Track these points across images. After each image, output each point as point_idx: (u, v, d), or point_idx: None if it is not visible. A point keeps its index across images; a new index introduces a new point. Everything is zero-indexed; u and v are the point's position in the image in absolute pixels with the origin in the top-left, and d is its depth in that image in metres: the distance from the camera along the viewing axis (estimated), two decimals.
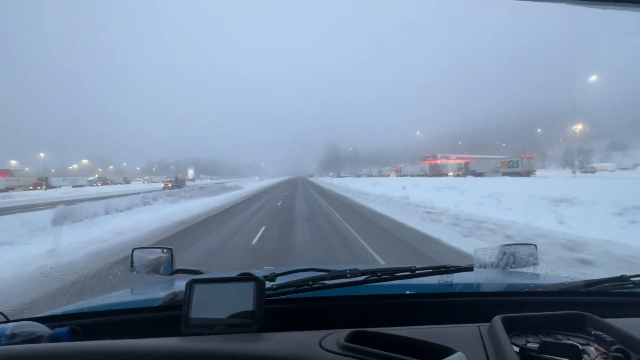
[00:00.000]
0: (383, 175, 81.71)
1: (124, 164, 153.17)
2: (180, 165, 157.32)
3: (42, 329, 0.83)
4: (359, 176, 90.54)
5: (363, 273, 1.07)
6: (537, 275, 1.46)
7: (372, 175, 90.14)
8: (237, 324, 0.80)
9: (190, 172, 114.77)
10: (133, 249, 1.44)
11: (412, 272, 1.07)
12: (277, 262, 6.01)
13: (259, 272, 1.00)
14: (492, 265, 1.26)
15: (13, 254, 6.57)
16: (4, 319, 0.93)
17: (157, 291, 1.40)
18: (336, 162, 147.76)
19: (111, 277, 2.40)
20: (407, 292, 1.12)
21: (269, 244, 7.53)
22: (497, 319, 0.79)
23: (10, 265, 5.50)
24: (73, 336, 0.87)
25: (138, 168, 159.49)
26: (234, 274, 0.91)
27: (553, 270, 1.59)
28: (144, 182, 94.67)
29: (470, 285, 1.24)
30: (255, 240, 7.91)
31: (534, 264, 1.35)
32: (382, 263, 5.74)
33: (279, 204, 18.47)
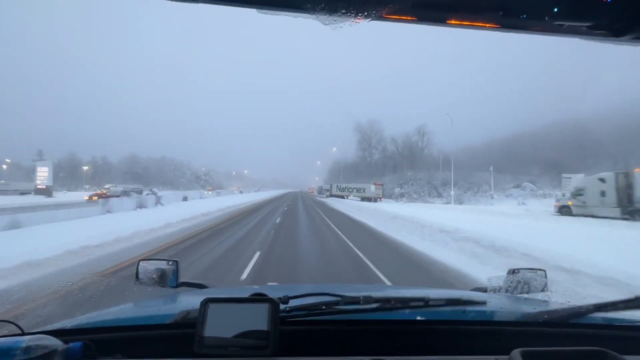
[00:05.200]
0: None
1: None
2: (106, 166, 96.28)
3: (56, 343, 0.83)
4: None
5: (376, 300, 1.05)
6: (551, 303, 1.40)
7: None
8: (251, 346, 0.80)
9: (42, 174, 49.25)
10: (139, 261, 1.50)
11: (425, 303, 1.06)
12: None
13: (269, 291, 1.05)
14: (505, 291, 1.35)
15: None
16: (20, 332, 0.93)
17: (165, 306, 1.42)
18: (369, 168, 67.31)
19: (126, 293, 2.28)
20: (419, 319, 1.08)
21: None
22: (516, 353, 0.77)
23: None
24: (86, 351, 0.86)
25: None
26: (245, 292, 0.93)
27: (568, 301, 1.45)
28: None
29: (484, 313, 1.18)
30: None
31: (544, 291, 1.39)
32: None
33: None
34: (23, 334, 0.90)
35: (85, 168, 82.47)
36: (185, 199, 31.07)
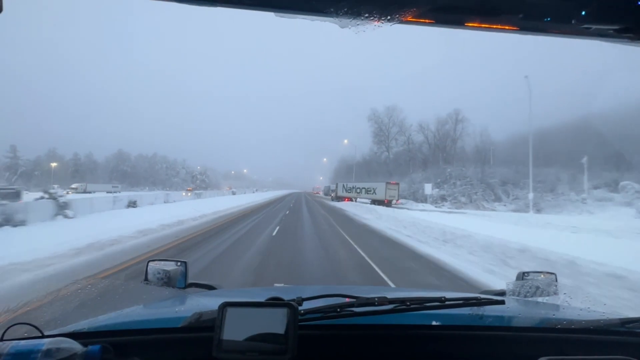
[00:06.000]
0: None
1: None
2: (87, 164, 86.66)
3: (75, 345, 0.84)
4: None
5: (391, 301, 1.04)
6: (571, 309, 1.38)
7: None
8: (269, 351, 0.80)
9: None
10: (148, 261, 1.55)
11: (442, 303, 1.03)
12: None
13: (281, 293, 1.06)
14: (520, 295, 1.36)
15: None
16: (39, 334, 0.93)
17: (178, 308, 1.44)
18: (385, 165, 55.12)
19: (137, 294, 2.04)
20: (435, 323, 1.07)
21: None
22: None
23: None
24: (104, 354, 0.88)
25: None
26: (257, 294, 0.88)
27: (588, 307, 1.42)
28: None
29: (501, 318, 1.17)
30: None
31: (556, 294, 1.41)
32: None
33: None
34: (42, 336, 0.91)
35: (53, 165, 72.51)
36: (132, 204, 20.63)
